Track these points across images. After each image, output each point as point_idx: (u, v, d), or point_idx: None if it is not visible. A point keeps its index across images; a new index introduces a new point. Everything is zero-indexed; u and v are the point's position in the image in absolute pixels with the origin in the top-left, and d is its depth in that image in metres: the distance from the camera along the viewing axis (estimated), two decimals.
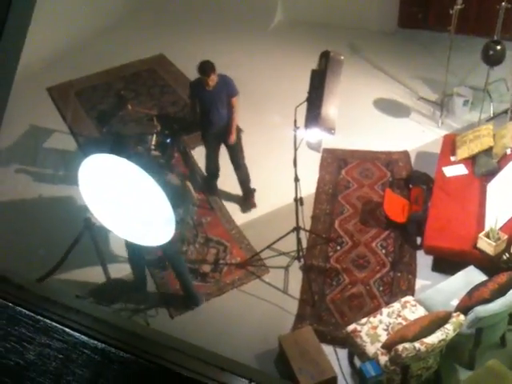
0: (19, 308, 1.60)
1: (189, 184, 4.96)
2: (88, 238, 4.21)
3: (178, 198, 5.10)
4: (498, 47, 5.71)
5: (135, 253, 4.49)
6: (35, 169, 6.08)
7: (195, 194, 5.30)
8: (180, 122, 5.20)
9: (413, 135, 6.20)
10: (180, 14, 8.62)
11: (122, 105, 4.82)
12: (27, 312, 1.59)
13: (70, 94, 7.33)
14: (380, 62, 7.42)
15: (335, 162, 5.99)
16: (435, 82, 6.81)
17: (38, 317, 1.57)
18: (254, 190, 5.55)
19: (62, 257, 4.44)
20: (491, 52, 5.72)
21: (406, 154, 5.97)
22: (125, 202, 3.16)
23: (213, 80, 4.86)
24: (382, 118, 6.57)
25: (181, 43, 8.15)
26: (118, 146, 4.82)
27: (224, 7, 8.50)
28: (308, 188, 5.40)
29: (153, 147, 5.35)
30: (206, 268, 4.92)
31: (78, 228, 4.26)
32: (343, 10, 7.97)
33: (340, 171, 5.87)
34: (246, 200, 5.54)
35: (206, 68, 4.83)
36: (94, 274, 4.66)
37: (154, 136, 5.40)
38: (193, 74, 7.39)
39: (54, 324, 1.56)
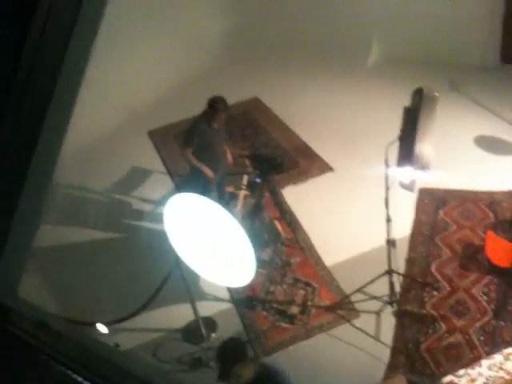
0: None
1: (277, 223, 4.96)
2: (177, 276, 4.26)
3: (266, 237, 5.11)
4: None
5: None
6: (134, 206, 6.33)
7: (284, 234, 5.27)
8: (270, 161, 5.21)
9: None
10: (274, 55, 8.77)
11: (211, 117, 4.80)
12: None
13: (168, 137, 7.62)
14: (482, 99, 7.04)
15: (433, 202, 5.71)
16: None
17: None
18: None
19: (151, 295, 4.52)
20: None
21: (510, 194, 5.56)
22: (208, 241, 3.17)
23: None
24: (483, 156, 6.21)
25: (275, 85, 8.24)
26: (207, 185, 4.90)
27: (318, 48, 8.56)
28: (402, 230, 5.16)
29: (244, 187, 5.43)
30: (294, 310, 4.80)
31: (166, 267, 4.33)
32: (441, 45, 7.71)
33: (438, 212, 5.58)
34: None
35: None
36: (180, 313, 4.70)
37: (246, 176, 5.50)
38: (287, 115, 7.55)
39: None
